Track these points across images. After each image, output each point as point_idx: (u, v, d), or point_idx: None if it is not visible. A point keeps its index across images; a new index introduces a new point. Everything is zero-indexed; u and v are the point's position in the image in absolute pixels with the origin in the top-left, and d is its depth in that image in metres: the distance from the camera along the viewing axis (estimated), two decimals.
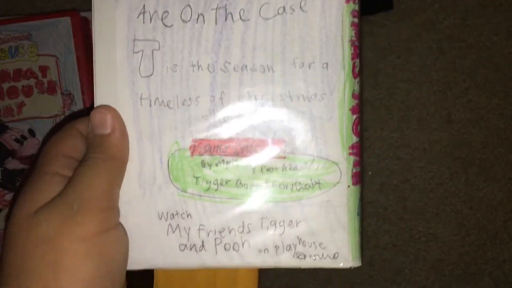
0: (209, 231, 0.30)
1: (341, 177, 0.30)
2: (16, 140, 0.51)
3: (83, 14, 0.52)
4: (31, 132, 0.51)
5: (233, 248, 0.30)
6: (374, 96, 0.56)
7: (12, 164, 0.52)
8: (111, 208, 0.28)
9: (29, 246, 0.26)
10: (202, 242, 0.30)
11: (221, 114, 0.30)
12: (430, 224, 0.56)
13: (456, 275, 0.56)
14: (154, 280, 0.31)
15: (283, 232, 0.30)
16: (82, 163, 0.28)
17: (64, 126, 0.30)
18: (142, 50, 0.30)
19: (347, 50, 0.29)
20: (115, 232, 0.28)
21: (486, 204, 0.56)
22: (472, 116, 0.55)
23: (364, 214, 0.57)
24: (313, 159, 0.30)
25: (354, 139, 0.30)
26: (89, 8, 0.53)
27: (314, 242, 0.30)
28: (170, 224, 0.30)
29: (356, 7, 0.29)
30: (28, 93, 0.51)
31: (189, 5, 0.30)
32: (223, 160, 0.30)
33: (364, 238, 0.56)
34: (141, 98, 0.30)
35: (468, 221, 0.56)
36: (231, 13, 0.29)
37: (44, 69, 0.51)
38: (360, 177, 0.31)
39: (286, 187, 0.30)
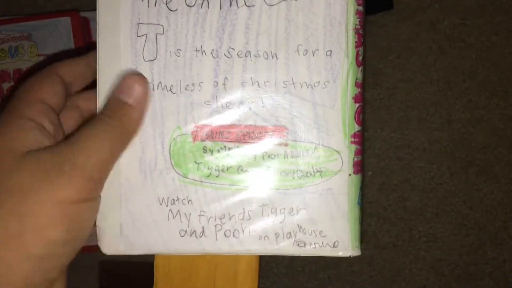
0: (210, 217, 0.30)
1: (342, 165, 0.30)
2: None
3: (83, 14, 0.52)
4: None
5: (233, 235, 0.30)
6: (374, 96, 0.56)
7: None
8: (100, 180, 0.27)
9: (2, 191, 0.24)
10: (203, 228, 0.30)
11: (223, 100, 0.30)
12: (430, 224, 0.56)
13: (456, 275, 0.56)
14: (154, 279, 0.31)
15: (283, 220, 0.30)
16: (90, 123, 0.27)
17: (43, 69, 0.29)
18: (146, 34, 0.30)
19: (351, 38, 0.29)
20: (93, 204, 0.27)
21: (486, 204, 0.55)
22: (472, 116, 0.55)
23: (363, 210, 0.57)
24: (315, 147, 0.30)
25: (356, 127, 0.30)
26: (89, 8, 0.53)
27: (314, 230, 0.29)
28: (170, 209, 0.30)
29: None
30: None
31: None
32: (224, 146, 0.30)
33: (364, 238, 0.56)
34: None
35: (468, 221, 0.56)
36: None
37: None
38: (361, 166, 0.31)
39: (288, 174, 0.30)
